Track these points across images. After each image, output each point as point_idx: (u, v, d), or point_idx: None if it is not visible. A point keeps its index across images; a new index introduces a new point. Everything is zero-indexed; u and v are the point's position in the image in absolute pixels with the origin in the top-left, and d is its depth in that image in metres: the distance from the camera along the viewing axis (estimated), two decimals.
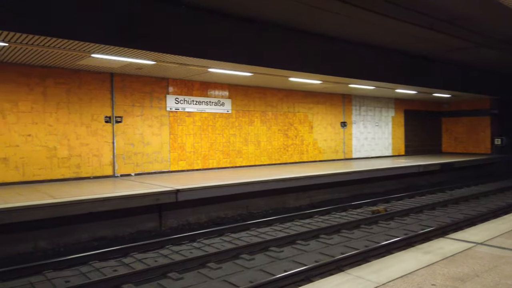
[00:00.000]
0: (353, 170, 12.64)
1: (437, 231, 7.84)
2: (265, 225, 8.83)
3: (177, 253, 6.84)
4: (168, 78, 11.57)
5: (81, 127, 10.03)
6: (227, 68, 9.93)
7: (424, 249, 3.73)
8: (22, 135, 9.16)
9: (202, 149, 12.38)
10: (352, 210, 10.52)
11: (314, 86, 13.86)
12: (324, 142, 16.06)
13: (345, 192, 12.87)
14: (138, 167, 11.05)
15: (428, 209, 10.41)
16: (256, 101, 13.80)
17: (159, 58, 8.55)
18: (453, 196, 12.39)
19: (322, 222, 9.07)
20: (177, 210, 9.00)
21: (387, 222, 8.94)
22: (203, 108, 12.35)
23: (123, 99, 10.75)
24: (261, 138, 13.94)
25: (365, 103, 17.86)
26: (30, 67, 9.21)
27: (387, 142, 18.99)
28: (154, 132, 11.34)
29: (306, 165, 14.47)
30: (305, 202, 11.66)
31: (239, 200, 10.17)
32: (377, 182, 13.85)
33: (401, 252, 3.69)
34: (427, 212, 10.05)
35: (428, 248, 3.76)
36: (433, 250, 3.66)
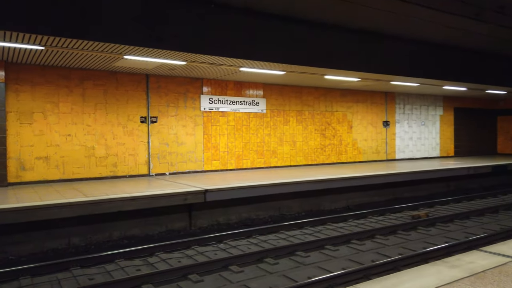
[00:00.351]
0: (392, 172, 11.99)
1: (481, 240, 7.16)
2: (296, 228, 8.57)
3: (202, 254, 6.77)
4: (202, 78, 11.62)
5: (118, 127, 10.32)
6: (259, 67, 9.76)
7: (451, 262, 3.33)
8: (62, 135, 9.58)
9: (236, 149, 12.31)
10: (391, 214, 9.95)
11: (353, 84, 13.33)
12: (364, 142, 15.42)
13: (385, 195, 12.24)
14: (173, 166, 11.19)
15: (476, 215, 9.60)
16: (292, 100, 13.52)
17: (190, 59, 8.56)
18: (506, 202, 11.37)
19: (356, 227, 8.64)
20: (207, 210, 8.97)
21: (427, 229, 8.33)
22: (237, 108, 12.29)
23: (158, 100, 10.93)
24: (296, 138, 13.64)
25: (410, 101, 16.94)
26: (69, 69, 9.61)
27: (434, 142, 17.90)
28: (188, 132, 11.43)
29: (345, 166, 13.96)
30: (341, 205, 11.21)
31: (271, 202, 9.97)
32: (421, 185, 13.05)
33: (424, 265, 3.31)
34: (474, 219, 9.26)
35: (456, 261, 3.35)
36: (462, 265, 3.25)
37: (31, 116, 9.20)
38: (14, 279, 5.64)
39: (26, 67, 9.10)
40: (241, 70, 10.04)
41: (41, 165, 9.32)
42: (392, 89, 15.32)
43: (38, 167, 9.28)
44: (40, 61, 8.77)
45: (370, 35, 10.69)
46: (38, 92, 9.26)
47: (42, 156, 9.33)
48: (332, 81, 12.55)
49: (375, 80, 12.46)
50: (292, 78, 11.84)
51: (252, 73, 10.59)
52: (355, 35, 10.41)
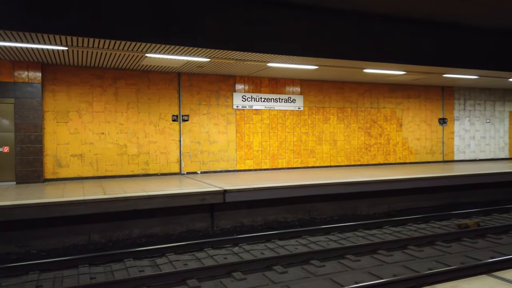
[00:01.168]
0: (443, 174, 10.77)
1: None
2: (322, 233, 7.94)
3: (212, 257, 6.47)
4: (235, 76, 11.36)
5: (150, 125, 10.42)
6: (287, 62, 9.25)
7: None
8: (96, 133, 9.87)
9: (270, 148, 11.88)
10: (436, 222, 8.87)
11: (401, 78, 12.22)
12: (416, 141, 14.14)
13: (435, 200, 11.02)
14: (204, 165, 11.07)
15: None
16: (332, 96, 12.75)
17: (212, 55, 8.32)
18: None
19: (390, 235, 7.79)
20: (230, 211, 8.67)
21: (473, 240, 7.24)
22: (272, 106, 11.85)
23: (190, 98, 10.87)
24: (337, 137, 12.85)
25: (472, 96, 15.24)
26: (103, 69, 9.87)
27: (502, 142, 15.94)
28: (220, 131, 11.24)
29: (392, 167, 12.88)
30: (381, 210, 10.28)
31: (301, 204, 9.40)
32: (480, 190, 11.58)
33: None
34: None
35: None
36: None
37: (66, 115, 9.59)
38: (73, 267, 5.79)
39: (62, 68, 9.50)
40: (269, 66, 9.60)
41: (76, 162, 9.69)
42: (450, 83, 13.86)
43: (73, 164, 9.65)
44: (74, 62, 9.09)
45: (417, 24, 9.64)
46: (73, 92, 9.63)
47: (77, 153, 9.69)
48: (378, 76, 11.60)
49: (424, 73, 11.27)
50: (333, 74, 11.13)
51: (283, 68, 10.10)
52: (393, 24, 9.45)
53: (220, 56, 8.52)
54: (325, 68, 10.11)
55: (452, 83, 13.84)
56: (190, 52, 8.05)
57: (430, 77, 12.17)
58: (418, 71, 10.96)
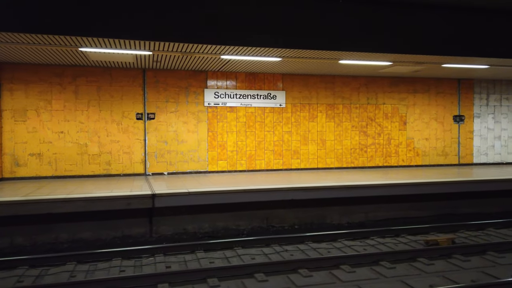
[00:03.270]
0: (435, 180, 9.27)
1: None
2: (261, 245, 6.97)
3: (116, 267, 5.83)
4: (207, 71, 10.66)
5: (112, 124, 10.06)
6: (247, 54, 8.38)
7: None
8: (55, 132, 9.69)
9: (247, 148, 11.03)
10: (407, 236, 7.51)
11: (400, 70, 10.74)
12: (424, 141, 12.50)
13: (426, 210, 9.53)
14: (172, 166, 10.50)
15: None
16: (321, 92, 11.59)
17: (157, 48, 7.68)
18: None
19: (338, 249, 6.64)
20: (172, 217, 8.00)
21: (430, 262, 5.90)
22: (248, 102, 10.99)
23: (156, 95, 10.35)
24: (326, 136, 11.66)
25: (497, 89, 13.22)
26: (62, 67, 9.66)
27: None
28: (190, 129, 10.61)
29: (393, 170, 11.47)
30: (356, 219, 9.04)
31: (257, 210, 8.49)
32: (486, 199, 9.85)
33: None
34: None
35: None
36: None
37: (24, 113, 9.50)
38: None
39: (20, 66, 9.41)
40: (224, 58, 8.78)
41: (34, 162, 9.57)
42: (468, 75, 12.05)
43: (31, 164, 9.54)
44: (33, 60, 8.90)
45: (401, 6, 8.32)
46: (31, 90, 9.52)
47: (35, 152, 9.57)
48: (365, 68, 10.27)
49: (418, 64, 9.76)
50: (315, 66, 10.01)
51: (244, 61, 9.23)
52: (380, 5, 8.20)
53: (165, 49, 7.88)
54: (290, 60, 9.07)
55: (471, 75, 12.01)
56: (130, 46, 7.48)
57: (432, 68, 10.58)
58: (408, 61, 9.51)
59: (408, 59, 9.30)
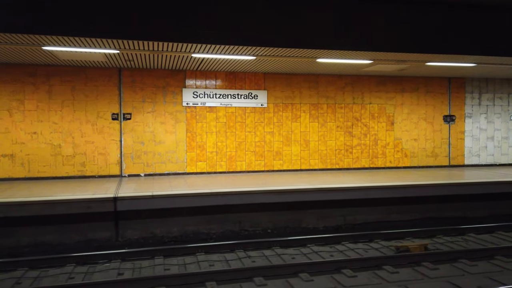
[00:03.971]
0: (418, 183, 8.93)
1: None
2: (226, 250, 6.70)
3: (67, 274, 5.60)
4: (185, 70, 10.41)
5: (86, 124, 9.85)
6: (219, 53, 8.11)
7: None
8: (28, 132, 9.50)
9: (227, 149, 10.76)
10: (380, 241, 7.18)
11: (385, 69, 10.38)
12: (413, 142, 12.12)
13: (410, 213, 9.18)
14: (149, 167, 10.26)
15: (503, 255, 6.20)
16: (304, 91, 11.28)
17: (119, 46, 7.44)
18: None
19: (304, 256, 6.35)
20: (140, 220, 7.75)
21: (396, 269, 5.58)
22: (228, 102, 10.72)
23: (133, 95, 10.13)
24: (310, 137, 11.34)
25: (490, 88, 12.80)
26: (35, 66, 9.47)
27: None
28: (167, 130, 10.36)
29: (380, 172, 11.11)
30: (333, 223, 8.72)
31: (230, 214, 8.21)
32: (472, 202, 9.47)
33: None
34: (495, 261, 5.94)
35: None
36: None
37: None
38: None
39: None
40: (196, 57, 8.52)
41: (7, 163, 9.39)
42: (459, 73, 11.66)
43: (3, 165, 9.36)
44: (4, 59, 8.71)
45: None
46: (3, 90, 9.33)
47: (7, 153, 9.39)
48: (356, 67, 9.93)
49: (400, 62, 9.41)
50: (277, 65, 9.70)
51: (222, 60, 8.96)
52: None
53: (133, 48, 7.63)
54: (263, 58, 8.78)
55: (462, 73, 11.62)
56: (95, 44, 7.25)
57: (418, 66, 10.21)
58: (390, 59, 9.16)
59: (390, 57, 8.96)
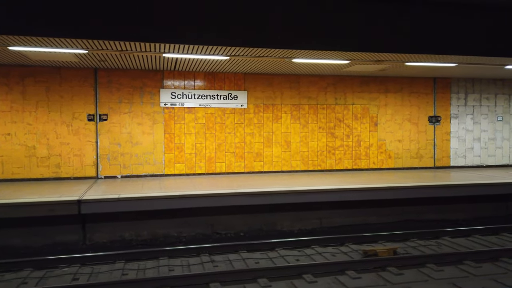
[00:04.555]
0: (395, 185, 8.77)
1: None
2: (192, 254, 6.54)
3: (20, 279, 5.46)
4: (163, 70, 10.27)
5: (62, 125, 9.72)
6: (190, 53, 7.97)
7: None
8: (1, 134, 9.37)
9: (206, 151, 10.61)
10: (350, 245, 7.01)
11: (366, 69, 10.22)
12: (397, 143, 11.95)
13: (388, 216, 9.02)
14: (126, 169, 10.12)
15: (472, 259, 6.02)
16: (285, 92, 11.13)
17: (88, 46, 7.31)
18: None
19: (269, 260, 6.18)
20: (108, 223, 7.61)
21: (358, 275, 5.41)
22: (208, 103, 10.57)
23: (109, 96, 9.99)
24: (292, 138, 11.19)
25: (476, 88, 12.63)
26: (8, 67, 9.35)
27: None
28: (145, 131, 10.22)
29: (363, 173, 10.95)
30: (308, 226, 8.56)
31: (202, 216, 8.07)
32: (454, 205, 9.30)
33: None
34: (463, 266, 5.77)
35: None
36: None
37: None
38: None
39: None
40: (168, 57, 8.38)
41: None
42: (444, 73, 11.49)
43: None
44: None
45: None
46: None
47: None
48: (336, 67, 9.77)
49: (378, 62, 9.26)
50: (256, 65, 9.55)
51: (200, 60, 8.81)
52: None
53: (96, 48, 7.50)
54: (237, 58, 8.63)
55: (448, 73, 11.44)
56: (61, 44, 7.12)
57: (398, 66, 10.05)
58: (368, 59, 9.00)
59: (367, 57, 8.80)
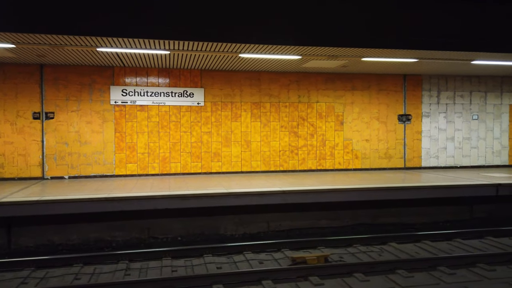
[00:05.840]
0: (349, 187, 8.30)
1: None
2: (111, 261, 6.11)
3: None
4: (114, 66, 9.86)
5: (5, 124, 9.33)
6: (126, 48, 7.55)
7: None
8: None
9: (160, 150, 10.18)
10: (285, 251, 6.54)
11: (325, 65, 9.76)
12: (364, 143, 11.47)
13: (341, 219, 8.55)
14: (74, 169, 9.71)
15: (406, 268, 5.54)
16: (245, 89, 10.68)
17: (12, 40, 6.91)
18: None
19: (189, 268, 5.74)
20: (35, 226, 7.20)
21: (274, 285, 4.96)
22: (161, 101, 10.15)
23: (56, 93, 9.60)
24: (252, 137, 10.74)
25: (450, 86, 12.12)
26: None
27: (498, 144, 12.51)
28: (94, 130, 9.81)
29: (327, 174, 10.49)
30: (254, 230, 8.11)
31: (137, 219, 7.64)
32: (411, 208, 8.81)
33: None
34: (393, 276, 5.29)
35: None
36: None
37: None
38: None
39: None
40: (103, 51, 7.95)
41: None
42: (415, 70, 10.99)
43: None
44: None
45: None
46: None
47: None
48: (290, 63, 9.33)
49: (332, 57, 8.78)
50: (213, 61, 9.10)
51: (152, 55, 8.40)
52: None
53: (22, 42, 7.09)
54: (177, 52, 8.19)
55: (419, 70, 10.94)
56: None
57: (358, 62, 9.57)
58: (321, 54, 8.53)
59: (320, 52, 8.34)
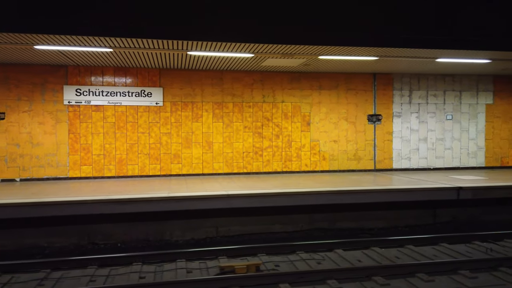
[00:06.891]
0: (303, 190, 7.95)
1: None
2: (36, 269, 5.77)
3: None
4: (67, 65, 9.54)
5: None
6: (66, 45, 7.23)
7: None
8: None
9: (116, 152, 9.85)
10: (222, 258, 6.19)
11: (288, 64, 9.42)
12: (332, 144, 11.12)
13: (296, 224, 8.20)
14: (25, 171, 9.39)
15: (338, 277, 5.19)
16: (207, 89, 10.35)
17: None
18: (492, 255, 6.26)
19: (111, 277, 5.41)
20: None
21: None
22: (118, 100, 9.82)
23: (6, 93, 9.28)
24: (214, 138, 10.40)
25: (422, 85, 11.77)
26: None
27: (473, 145, 12.15)
28: (47, 131, 9.49)
29: (292, 176, 10.17)
30: (202, 235, 7.77)
31: (77, 225, 7.30)
32: (372, 212, 8.45)
33: None
34: (324, 286, 4.94)
35: None
36: None
37: None
38: None
39: None
40: (39, 49, 7.62)
41: None
42: (385, 69, 10.65)
43: None
44: None
45: None
46: None
47: None
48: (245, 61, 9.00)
49: (287, 55, 8.44)
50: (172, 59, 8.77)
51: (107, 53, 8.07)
52: None
53: None
54: (118, 51, 7.86)
55: (389, 68, 10.60)
56: None
57: (320, 61, 9.23)
58: (274, 52, 8.19)
59: (273, 50, 8.01)
